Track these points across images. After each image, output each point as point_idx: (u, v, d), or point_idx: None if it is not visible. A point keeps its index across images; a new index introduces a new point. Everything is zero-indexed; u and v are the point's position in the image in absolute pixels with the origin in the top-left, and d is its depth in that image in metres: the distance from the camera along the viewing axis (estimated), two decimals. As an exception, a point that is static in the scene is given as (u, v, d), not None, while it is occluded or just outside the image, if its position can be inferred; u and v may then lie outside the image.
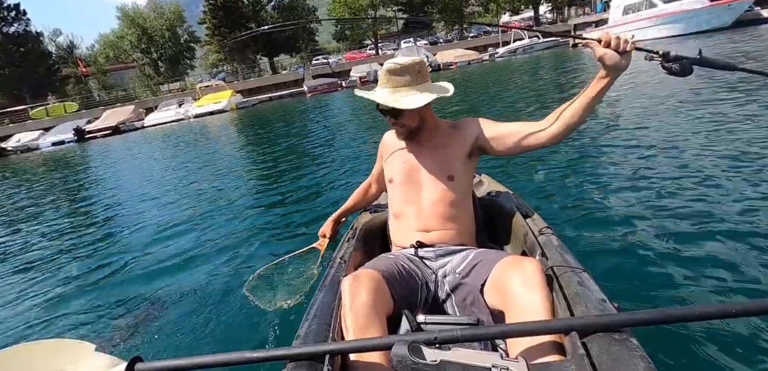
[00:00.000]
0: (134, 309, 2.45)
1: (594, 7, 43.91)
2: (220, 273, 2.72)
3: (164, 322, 2.23)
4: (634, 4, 20.08)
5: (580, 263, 1.20)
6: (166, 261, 3.11)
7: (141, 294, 2.62)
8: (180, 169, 7.71)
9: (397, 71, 1.40)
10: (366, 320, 1.07)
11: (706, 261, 1.96)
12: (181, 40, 47.32)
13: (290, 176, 5.36)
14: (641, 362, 0.78)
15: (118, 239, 3.97)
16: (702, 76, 6.38)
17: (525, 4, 40.84)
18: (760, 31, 14.46)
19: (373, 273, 1.18)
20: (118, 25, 45.88)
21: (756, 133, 3.68)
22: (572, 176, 3.45)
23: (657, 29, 18.95)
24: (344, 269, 1.41)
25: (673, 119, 4.62)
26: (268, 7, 43.54)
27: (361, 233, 1.73)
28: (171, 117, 23.73)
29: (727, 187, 2.68)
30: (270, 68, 42.94)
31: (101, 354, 0.99)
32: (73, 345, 1.02)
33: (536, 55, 24.14)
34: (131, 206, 5.36)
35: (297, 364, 0.92)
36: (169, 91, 37.68)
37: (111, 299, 2.65)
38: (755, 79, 5.63)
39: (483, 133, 1.46)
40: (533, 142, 1.40)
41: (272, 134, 10.42)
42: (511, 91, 10.74)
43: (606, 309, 0.97)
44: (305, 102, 20.67)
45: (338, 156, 6.09)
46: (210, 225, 3.81)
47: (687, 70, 1.26)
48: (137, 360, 0.95)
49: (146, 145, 14.41)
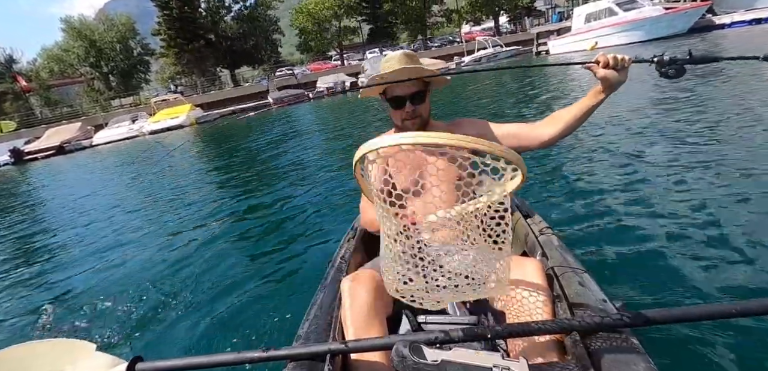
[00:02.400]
0: (135, 309, 2.44)
1: (548, 18, 46.03)
2: (220, 275, 2.73)
3: (165, 322, 2.23)
4: (595, 13, 20.90)
5: (580, 264, 1.21)
6: (166, 262, 3.09)
7: (141, 295, 2.62)
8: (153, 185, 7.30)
9: (396, 60, 1.38)
10: (366, 320, 1.06)
11: (707, 261, 1.95)
12: (135, 53, 45.17)
13: (265, 189, 5.23)
14: (642, 362, 0.79)
15: (115, 244, 3.91)
16: (698, 76, 6.57)
17: (486, 14, 41.96)
18: (714, 36, 15.60)
19: (373, 273, 1.16)
20: (64, 38, 42.93)
21: (759, 134, 3.65)
22: (572, 176, 3.46)
23: (618, 36, 19.77)
24: (344, 269, 1.41)
25: (674, 120, 4.62)
26: (227, 18, 42.07)
27: (361, 234, 1.71)
28: (123, 134, 22.24)
29: (728, 187, 2.67)
30: (231, 81, 41.44)
31: (102, 353, 0.98)
32: (74, 345, 1.00)
33: (501, 63, 24.65)
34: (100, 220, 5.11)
35: (297, 364, 0.93)
36: (121, 107, 35.30)
37: (111, 299, 2.64)
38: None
39: (480, 133, 1.43)
40: (527, 144, 1.41)
41: (237, 149, 10.03)
42: (488, 97, 10.80)
43: (607, 310, 0.97)
44: (271, 115, 20.51)
45: (310, 168, 6.02)
46: (211, 229, 3.79)
47: (681, 71, 1.28)
48: (138, 359, 0.94)
49: (96, 164, 13.50)
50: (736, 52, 10.55)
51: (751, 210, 2.34)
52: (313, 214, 3.62)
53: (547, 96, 8.84)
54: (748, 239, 2.06)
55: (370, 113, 11.75)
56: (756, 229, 2.13)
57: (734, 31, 16.72)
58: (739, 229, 2.16)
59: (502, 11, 42.59)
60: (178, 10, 35.75)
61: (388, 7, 41.04)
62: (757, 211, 2.33)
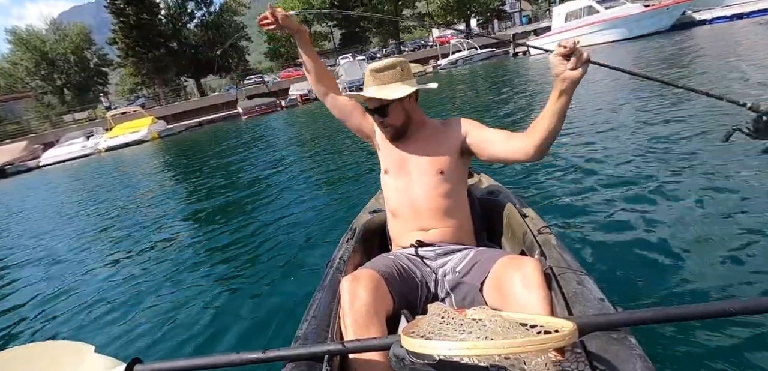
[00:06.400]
0: (134, 311, 2.44)
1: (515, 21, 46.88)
2: (218, 277, 2.71)
3: (164, 324, 2.21)
4: (575, 11, 20.71)
5: (578, 263, 1.21)
6: (165, 265, 3.07)
7: (140, 297, 2.60)
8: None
9: (381, 70, 1.42)
10: (365, 320, 1.06)
11: (705, 260, 1.95)
12: (91, 64, 42.40)
13: (262, 194, 5.14)
14: (639, 361, 0.79)
15: (115, 249, 3.89)
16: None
17: (457, 18, 42.08)
18: (695, 33, 15.69)
19: (373, 273, 1.17)
20: (10, 50, 39.74)
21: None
22: (571, 176, 3.44)
23: (601, 35, 19.52)
24: (343, 269, 1.42)
25: (675, 121, 4.57)
26: (190, 25, 40.06)
27: (360, 234, 1.70)
28: (76, 152, 20.29)
29: (728, 188, 2.66)
30: (197, 91, 39.41)
31: (101, 355, 0.98)
32: (73, 347, 1.01)
33: (476, 65, 24.40)
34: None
35: (296, 365, 0.93)
36: (74, 122, 32.59)
37: (110, 301, 2.63)
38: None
39: (470, 135, 1.45)
40: (513, 156, 1.37)
41: (204, 164, 9.24)
42: (472, 100, 10.59)
43: (604, 309, 0.97)
44: (240, 126, 19.64)
45: (306, 172, 5.96)
46: (209, 233, 3.81)
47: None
48: (137, 361, 0.94)
49: (43, 187, 12.05)
50: (720, 46, 10.43)
51: (751, 210, 2.33)
52: (311, 215, 3.59)
53: (525, 97, 8.61)
54: (746, 238, 2.05)
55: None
56: (755, 229, 2.12)
57: (715, 27, 16.87)
58: (738, 229, 2.16)
59: (474, 14, 42.88)
60: (135, 17, 33.41)
61: (359, 11, 40.44)
62: (756, 211, 2.30)
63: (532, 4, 52.16)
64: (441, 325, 0.78)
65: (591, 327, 0.86)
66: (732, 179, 2.76)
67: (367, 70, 1.45)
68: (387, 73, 1.40)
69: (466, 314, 0.80)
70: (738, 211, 2.35)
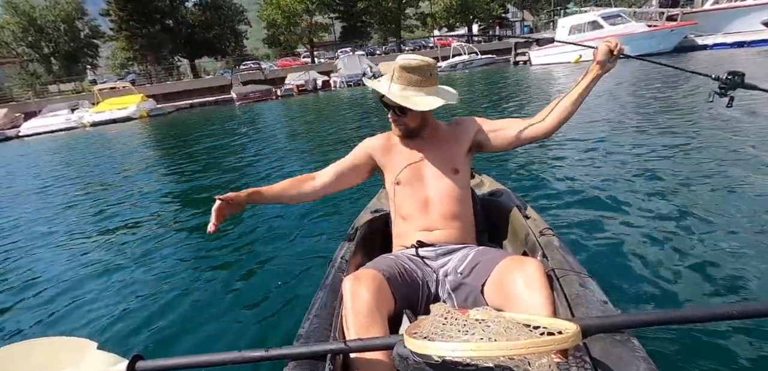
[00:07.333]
0: (136, 308, 2.39)
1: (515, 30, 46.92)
2: (221, 275, 2.67)
3: (166, 321, 2.19)
4: (579, 25, 20.51)
5: (581, 265, 1.21)
6: (167, 262, 3.00)
7: (143, 294, 2.55)
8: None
9: (410, 69, 1.37)
10: (367, 320, 1.06)
11: (708, 263, 1.94)
12: (81, 35, 41.13)
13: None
14: (643, 363, 0.78)
15: (116, 244, 3.67)
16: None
17: (459, 21, 41.87)
18: (696, 57, 15.65)
19: (374, 273, 1.17)
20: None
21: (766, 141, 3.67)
22: (573, 177, 3.43)
23: None
24: (345, 269, 1.41)
25: (677, 123, 4.59)
26: (188, 4, 39.04)
27: (362, 234, 1.69)
28: (59, 124, 19.61)
29: (732, 191, 2.66)
30: (191, 72, 38.46)
31: (103, 352, 0.96)
32: (75, 343, 1.00)
33: (476, 70, 24.17)
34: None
35: (298, 364, 0.92)
36: (59, 93, 31.46)
37: (113, 297, 2.58)
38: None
39: (481, 129, 1.49)
40: (527, 136, 1.44)
41: (192, 148, 8.85)
42: (477, 101, 10.36)
43: (607, 311, 0.96)
44: (233, 111, 19.10)
45: (306, 168, 5.56)
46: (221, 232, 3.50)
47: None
48: (138, 357, 0.94)
49: (23, 159, 11.49)
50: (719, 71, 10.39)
51: (754, 214, 2.34)
52: (312, 215, 3.52)
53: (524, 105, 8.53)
54: (750, 242, 2.06)
55: (339, 111, 11.71)
56: (758, 233, 2.13)
57: (716, 52, 16.87)
58: (742, 232, 2.16)
59: (476, 20, 42.72)
60: (131, -11, 32.57)
61: (362, 5, 39.90)
62: (759, 214, 2.32)
63: (534, 15, 52.29)
64: (444, 326, 0.78)
65: (594, 329, 0.85)
66: (737, 184, 2.76)
67: (396, 63, 1.37)
68: (414, 76, 1.36)
69: (469, 315, 0.80)
70: (742, 215, 2.36)
